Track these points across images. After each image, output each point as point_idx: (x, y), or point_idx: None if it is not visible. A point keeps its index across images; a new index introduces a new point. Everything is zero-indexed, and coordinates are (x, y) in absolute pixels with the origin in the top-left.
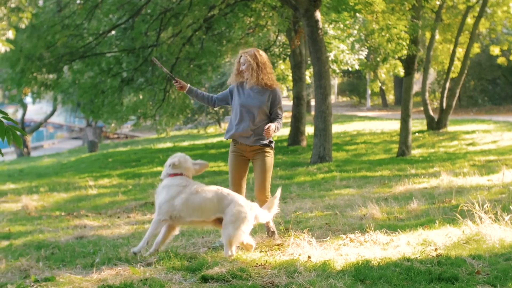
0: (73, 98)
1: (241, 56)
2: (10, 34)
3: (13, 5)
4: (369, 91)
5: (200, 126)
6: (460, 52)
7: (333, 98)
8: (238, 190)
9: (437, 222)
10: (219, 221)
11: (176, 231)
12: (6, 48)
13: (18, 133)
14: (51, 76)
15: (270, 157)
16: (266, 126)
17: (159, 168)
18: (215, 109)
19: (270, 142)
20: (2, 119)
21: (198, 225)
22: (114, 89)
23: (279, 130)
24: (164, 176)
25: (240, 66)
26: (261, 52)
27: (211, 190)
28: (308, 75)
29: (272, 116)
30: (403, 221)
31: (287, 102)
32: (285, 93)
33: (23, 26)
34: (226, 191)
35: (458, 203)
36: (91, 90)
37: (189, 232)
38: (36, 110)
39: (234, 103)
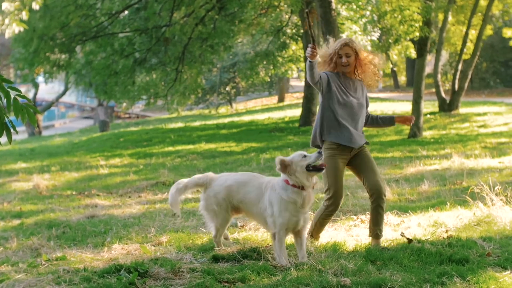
0: (86, 79)
1: (343, 45)
2: (24, 15)
3: None
4: (381, 72)
5: (211, 106)
6: (473, 34)
7: None
8: (342, 194)
9: (448, 204)
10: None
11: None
12: (20, 29)
13: (32, 111)
14: (63, 56)
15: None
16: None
17: (170, 148)
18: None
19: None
20: (17, 97)
21: None
22: (127, 69)
23: None
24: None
25: (338, 58)
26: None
27: None
28: None
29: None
30: (414, 203)
31: (298, 83)
32: (295, 74)
33: (37, 7)
34: None
35: (469, 185)
36: (104, 71)
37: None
38: (47, 89)
39: (335, 97)
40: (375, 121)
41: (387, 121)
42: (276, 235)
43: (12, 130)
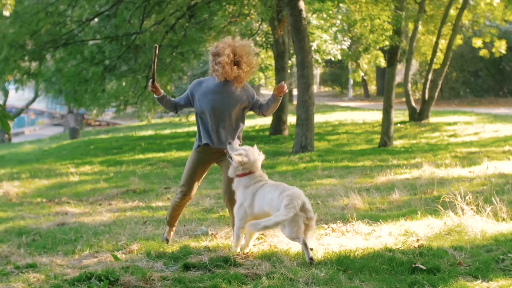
0: (56, 87)
1: (236, 47)
2: None
3: None
4: (351, 81)
5: (182, 114)
6: (443, 43)
7: (315, 88)
8: (192, 190)
9: (419, 213)
10: None
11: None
12: None
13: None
14: (34, 64)
15: None
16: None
17: (140, 156)
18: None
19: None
20: None
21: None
22: (97, 77)
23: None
24: (232, 174)
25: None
26: None
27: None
28: (289, 64)
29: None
30: (385, 212)
31: (266, 91)
32: (262, 81)
33: (7, 13)
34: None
35: (440, 194)
36: (74, 79)
37: None
38: (17, 96)
39: (198, 103)
40: (265, 105)
41: (271, 99)
42: None
43: None
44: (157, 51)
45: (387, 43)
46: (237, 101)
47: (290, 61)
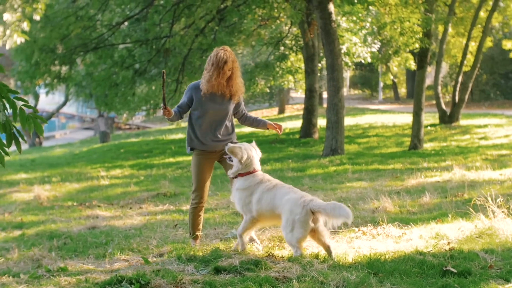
0: (86, 91)
1: (228, 59)
2: (25, 25)
3: None
4: (381, 84)
5: None
6: (473, 46)
7: (345, 91)
8: (206, 191)
9: (449, 215)
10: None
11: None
12: (22, 39)
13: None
14: (64, 68)
15: None
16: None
17: (171, 159)
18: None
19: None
20: (23, 107)
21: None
22: (127, 81)
23: None
24: (233, 174)
25: (226, 73)
26: None
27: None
28: (319, 67)
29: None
30: (416, 215)
31: (296, 95)
32: (292, 84)
33: (37, 17)
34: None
35: (471, 197)
36: (105, 83)
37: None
38: (48, 100)
39: (197, 111)
40: (249, 120)
41: (261, 124)
42: None
43: (20, 139)
44: (165, 77)
45: (417, 45)
46: (231, 105)
47: (320, 64)
